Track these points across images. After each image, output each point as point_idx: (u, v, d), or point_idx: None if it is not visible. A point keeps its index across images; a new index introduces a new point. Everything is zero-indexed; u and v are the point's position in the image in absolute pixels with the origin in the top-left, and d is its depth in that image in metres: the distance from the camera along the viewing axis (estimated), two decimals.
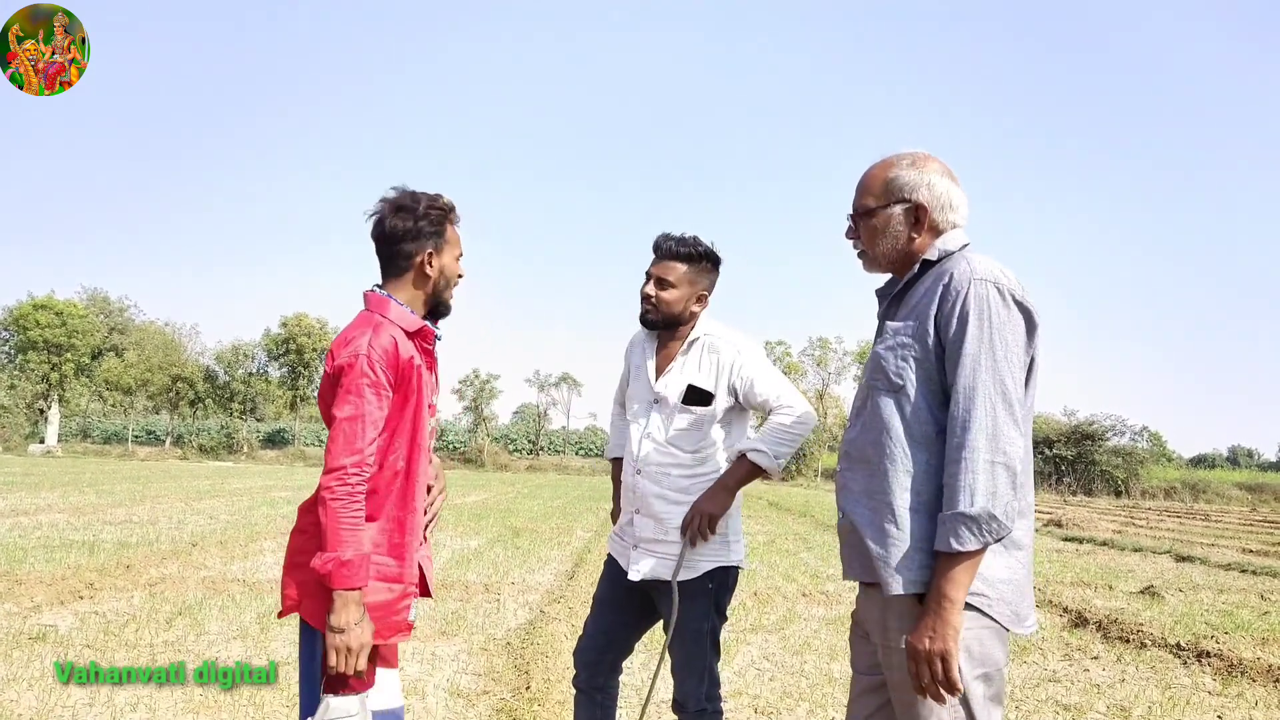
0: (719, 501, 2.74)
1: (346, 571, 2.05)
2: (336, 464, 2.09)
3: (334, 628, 2.06)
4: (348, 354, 2.14)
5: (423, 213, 2.29)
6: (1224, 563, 11.65)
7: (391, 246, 2.31)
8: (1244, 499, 42.51)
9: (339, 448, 2.10)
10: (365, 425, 2.11)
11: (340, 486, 2.08)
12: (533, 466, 47.90)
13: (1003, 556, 1.82)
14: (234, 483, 22.55)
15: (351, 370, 2.13)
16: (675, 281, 2.84)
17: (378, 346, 2.15)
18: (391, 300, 2.28)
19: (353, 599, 2.06)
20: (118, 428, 53.84)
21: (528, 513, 16.01)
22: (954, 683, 1.72)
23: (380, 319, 2.23)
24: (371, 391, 2.13)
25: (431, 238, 2.30)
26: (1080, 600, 7.99)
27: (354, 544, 2.07)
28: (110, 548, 8.74)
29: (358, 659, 2.07)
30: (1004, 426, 1.73)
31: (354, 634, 2.06)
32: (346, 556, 2.05)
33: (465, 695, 4.32)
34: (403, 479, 2.22)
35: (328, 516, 2.07)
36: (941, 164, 2.00)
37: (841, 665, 5.21)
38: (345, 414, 2.11)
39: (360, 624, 2.07)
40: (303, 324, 48.11)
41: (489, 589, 7.35)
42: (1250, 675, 5.26)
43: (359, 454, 2.10)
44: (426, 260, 2.30)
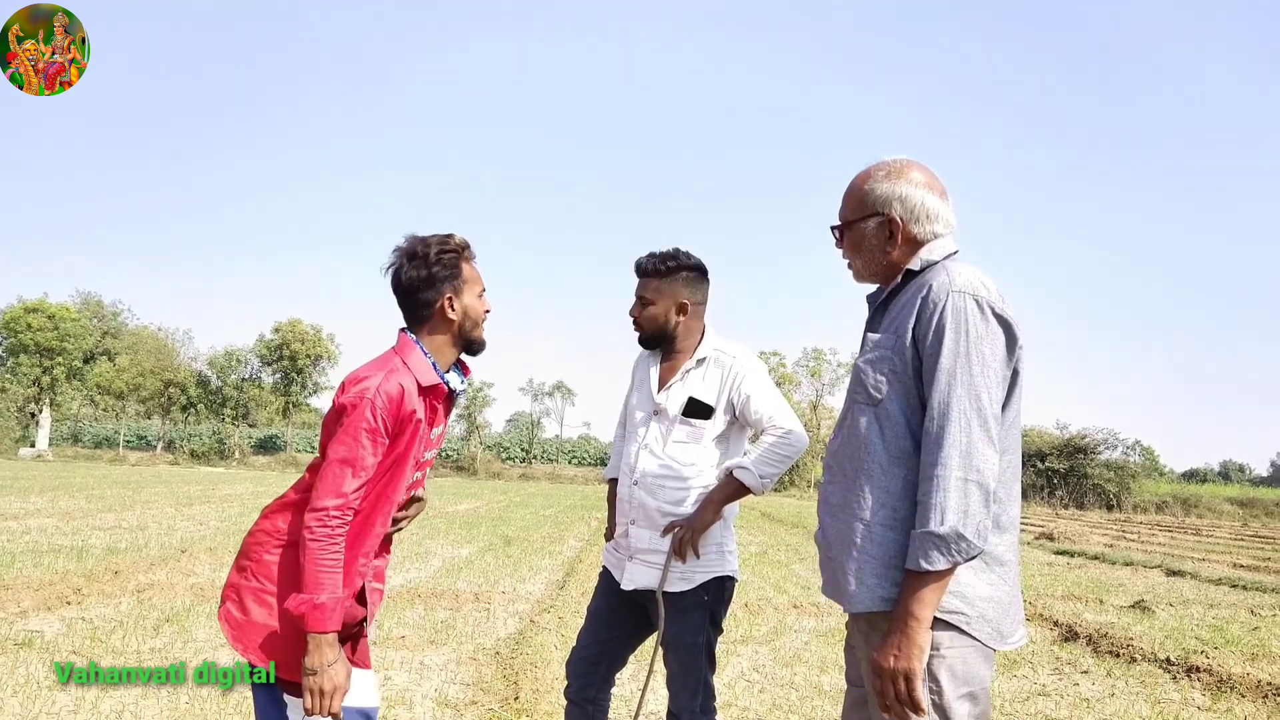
0: (705, 517, 2.74)
1: (320, 615, 2.03)
2: (320, 504, 2.07)
3: (308, 669, 2.04)
4: (354, 393, 2.12)
5: (435, 258, 2.27)
6: (1215, 577, 11.66)
7: (411, 297, 2.29)
8: (1235, 514, 42.54)
9: (325, 488, 2.08)
10: (356, 470, 2.10)
11: (320, 528, 2.06)
12: (525, 475, 47.79)
13: (984, 574, 1.80)
14: (225, 488, 22.46)
15: (354, 412, 2.11)
16: (653, 298, 2.88)
17: (383, 393, 2.12)
18: (418, 348, 2.27)
19: (326, 641, 2.03)
20: (109, 432, 53.58)
21: (520, 521, 15.97)
22: (917, 702, 1.69)
23: (399, 364, 2.21)
24: (368, 438, 2.11)
25: (448, 281, 2.28)
26: (1071, 614, 7.98)
27: (330, 587, 2.05)
28: (99, 553, 8.69)
29: (332, 701, 2.05)
30: (978, 443, 1.70)
31: (328, 675, 2.04)
32: (320, 600, 2.03)
33: (453, 705, 4.30)
34: (359, 523, 2.18)
35: (305, 556, 2.06)
36: (924, 172, 1.96)
37: (831, 678, 5.20)
38: (339, 455, 2.10)
39: (334, 665, 2.04)
40: (296, 329, 47.99)
41: (479, 598, 7.32)
42: (1240, 690, 5.26)
43: (343, 498, 2.08)
44: (447, 305, 2.28)
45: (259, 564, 2.17)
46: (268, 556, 2.16)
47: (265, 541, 2.18)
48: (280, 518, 2.19)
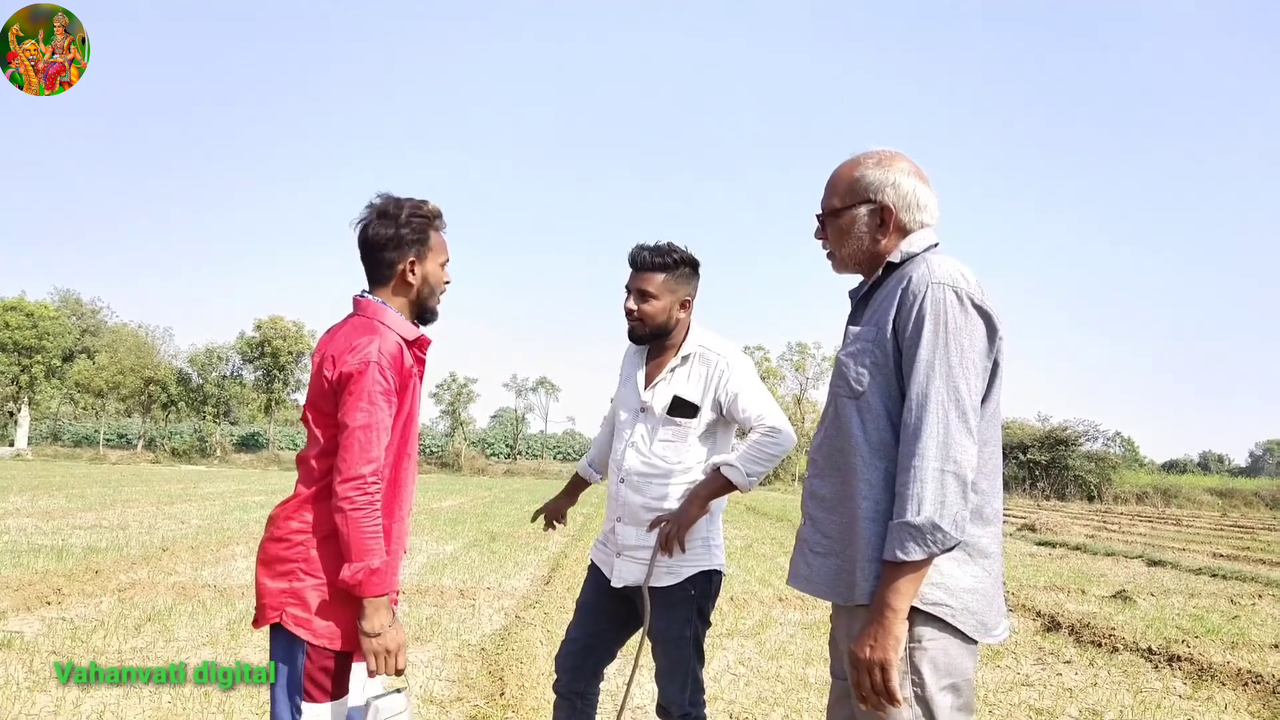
0: (691, 513, 2.73)
1: (377, 579, 2.10)
2: (355, 473, 2.08)
3: (368, 633, 2.11)
4: (357, 360, 2.13)
5: (405, 220, 2.27)
6: (1195, 567, 11.78)
7: (375, 254, 2.30)
8: (1215, 504, 42.99)
9: (355, 456, 2.09)
10: (380, 432, 2.13)
11: (360, 496, 2.08)
12: (510, 471, 47.73)
13: (968, 566, 1.79)
14: (206, 487, 22.32)
15: (363, 377, 2.12)
16: (656, 292, 2.82)
17: (385, 353, 2.15)
18: (388, 308, 2.28)
19: (383, 604, 2.11)
20: (89, 431, 53.16)
21: (504, 517, 15.94)
22: (893, 693, 1.69)
23: (381, 325, 2.23)
24: (383, 399, 2.14)
25: (414, 245, 2.28)
26: (1053, 604, 8.04)
27: (379, 551, 2.11)
28: (79, 553, 8.61)
29: (397, 659, 2.14)
30: (956, 435, 1.70)
31: (390, 636, 2.12)
32: (375, 565, 2.09)
33: (439, 702, 4.29)
34: (390, 487, 2.22)
35: (350, 527, 2.08)
36: (910, 163, 1.96)
37: (817, 670, 5.22)
38: (359, 421, 2.10)
39: (394, 625, 2.13)
40: (278, 326, 47.73)
41: (464, 594, 7.30)
42: (1220, 679, 5.32)
43: (375, 461, 2.11)
44: (409, 268, 2.29)
45: (308, 563, 2.19)
46: (313, 553, 2.19)
47: (304, 542, 2.19)
48: (306, 515, 2.20)
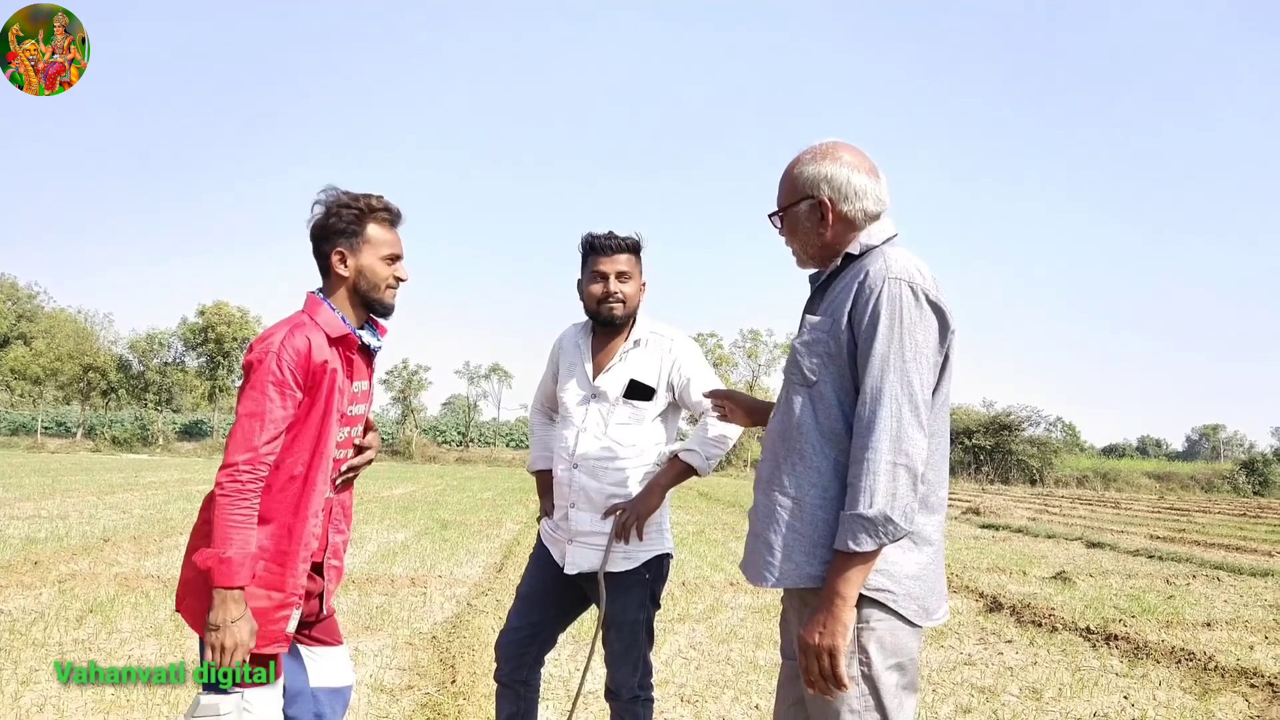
0: (650, 502, 2.76)
1: (226, 569, 2.04)
2: (230, 460, 2.09)
3: (210, 624, 2.04)
4: (259, 350, 2.14)
5: (334, 211, 2.27)
6: (1132, 549, 12.13)
7: (313, 245, 2.32)
8: (1152, 487, 44.30)
9: (235, 444, 2.10)
10: (264, 423, 2.10)
11: (230, 483, 2.07)
12: (462, 459, 47.42)
13: (913, 553, 1.84)
14: (149, 476, 21.86)
15: (260, 367, 2.12)
16: (631, 274, 2.86)
17: (289, 346, 2.14)
18: (325, 304, 2.28)
19: (231, 597, 2.04)
20: (25, 419, 51.64)
21: (456, 505, 15.86)
22: (840, 678, 1.73)
23: (305, 320, 2.22)
24: (275, 390, 2.12)
25: (343, 236, 2.28)
26: (995, 585, 8.23)
27: (239, 542, 2.06)
28: (17, 544, 8.40)
29: (232, 657, 2.05)
30: (908, 428, 1.73)
31: (230, 632, 2.04)
32: (227, 554, 2.04)
33: (389, 691, 4.27)
34: (299, 485, 2.19)
35: (216, 512, 2.07)
36: (852, 152, 1.97)
37: (767, 653, 5.28)
38: (245, 410, 2.11)
39: (237, 622, 2.04)
40: (222, 312, 46.74)
41: (415, 582, 7.26)
42: (1155, 657, 5.49)
43: (253, 451, 2.09)
44: (337, 260, 2.28)
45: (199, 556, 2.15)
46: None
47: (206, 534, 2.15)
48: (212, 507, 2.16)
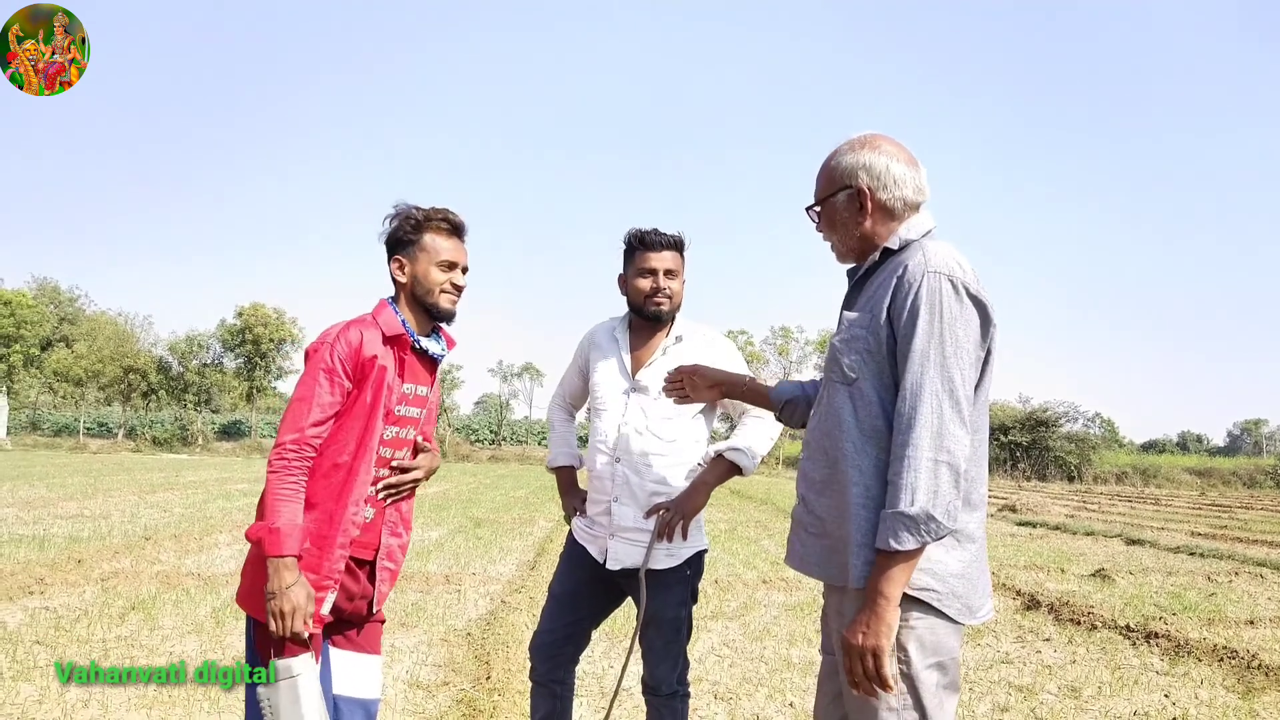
0: (696, 501, 2.75)
1: (276, 539, 2.15)
2: (279, 439, 2.24)
3: (268, 594, 2.14)
4: (318, 341, 2.32)
5: (394, 223, 2.45)
6: (1173, 546, 11.93)
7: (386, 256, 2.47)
8: (1193, 483, 43.48)
9: (285, 425, 2.25)
10: (312, 406, 2.25)
11: (278, 460, 2.22)
12: (495, 457, 47.61)
13: (955, 551, 1.81)
14: (188, 475, 22.19)
15: (315, 355, 2.29)
16: (677, 271, 2.89)
17: (343, 339, 2.30)
18: (390, 307, 2.44)
19: (284, 564, 2.15)
20: (68, 420, 52.60)
21: (490, 503, 15.96)
22: (885, 679, 1.71)
23: (367, 318, 2.39)
24: (326, 377, 2.27)
25: (403, 246, 2.43)
26: (1033, 583, 8.14)
27: (286, 514, 2.18)
28: (61, 542, 8.57)
29: (293, 621, 2.13)
30: (950, 424, 1.70)
31: (286, 597, 2.13)
32: (275, 525, 2.16)
33: (425, 687, 4.31)
34: (344, 473, 2.29)
35: (266, 487, 2.21)
36: (890, 142, 1.95)
37: (800, 651, 5.27)
38: (297, 394, 2.28)
39: (293, 588, 2.14)
40: (259, 313, 47.28)
41: (450, 580, 7.32)
42: (1196, 655, 5.40)
43: (299, 432, 2.23)
44: (395, 268, 2.44)
45: None
46: None
47: None
48: None
